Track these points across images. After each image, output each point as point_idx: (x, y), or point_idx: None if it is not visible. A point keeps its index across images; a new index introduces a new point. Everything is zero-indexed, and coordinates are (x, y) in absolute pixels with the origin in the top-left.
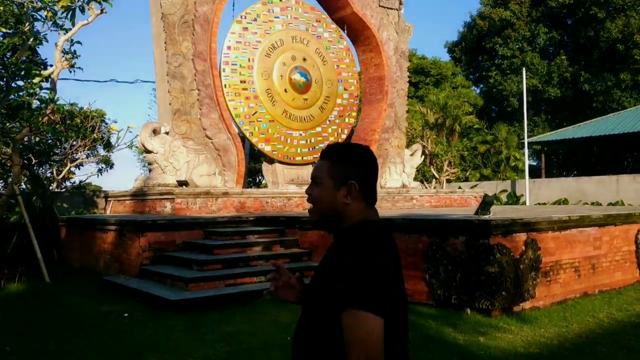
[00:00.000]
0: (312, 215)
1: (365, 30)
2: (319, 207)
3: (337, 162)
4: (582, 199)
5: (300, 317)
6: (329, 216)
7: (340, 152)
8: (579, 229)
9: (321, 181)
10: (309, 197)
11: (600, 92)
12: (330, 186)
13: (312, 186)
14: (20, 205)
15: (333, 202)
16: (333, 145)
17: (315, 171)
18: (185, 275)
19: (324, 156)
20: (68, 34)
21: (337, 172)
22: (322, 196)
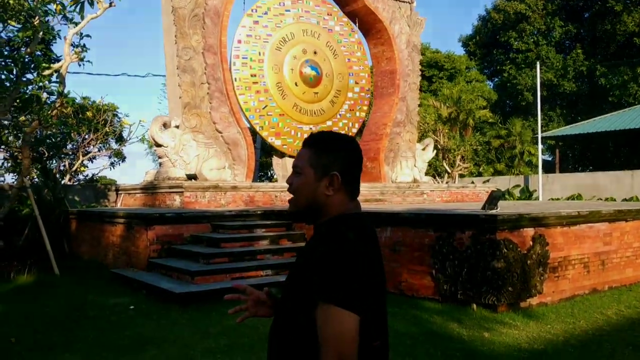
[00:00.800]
0: (291, 206)
1: (377, 24)
2: (298, 198)
3: (320, 152)
4: (597, 195)
5: (275, 312)
6: (309, 208)
7: (324, 141)
8: (588, 224)
9: (302, 171)
10: (289, 187)
11: (617, 86)
12: (312, 176)
13: (293, 176)
14: (31, 198)
15: (314, 193)
16: (317, 134)
17: (297, 160)
18: (191, 269)
19: (307, 144)
20: (77, 27)
21: (319, 161)
22: (303, 187)
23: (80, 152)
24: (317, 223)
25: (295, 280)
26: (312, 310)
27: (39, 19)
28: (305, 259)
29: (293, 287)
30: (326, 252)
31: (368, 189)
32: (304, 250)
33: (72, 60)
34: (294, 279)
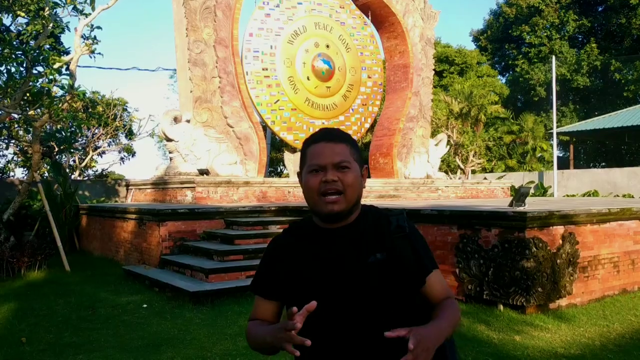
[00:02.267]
0: (340, 204)
1: (390, 17)
2: (351, 195)
3: (354, 146)
4: (613, 191)
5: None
6: (356, 202)
7: (349, 136)
8: (618, 222)
9: (350, 165)
10: (336, 184)
11: (632, 81)
12: (358, 170)
13: (337, 172)
14: (41, 193)
15: (360, 188)
16: (333, 129)
17: (338, 156)
18: (205, 266)
19: (340, 139)
20: (88, 19)
21: (357, 156)
22: (355, 181)
23: (90, 147)
24: (350, 218)
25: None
26: (417, 285)
27: (48, 10)
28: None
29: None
30: (418, 236)
31: (382, 185)
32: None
33: (83, 53)
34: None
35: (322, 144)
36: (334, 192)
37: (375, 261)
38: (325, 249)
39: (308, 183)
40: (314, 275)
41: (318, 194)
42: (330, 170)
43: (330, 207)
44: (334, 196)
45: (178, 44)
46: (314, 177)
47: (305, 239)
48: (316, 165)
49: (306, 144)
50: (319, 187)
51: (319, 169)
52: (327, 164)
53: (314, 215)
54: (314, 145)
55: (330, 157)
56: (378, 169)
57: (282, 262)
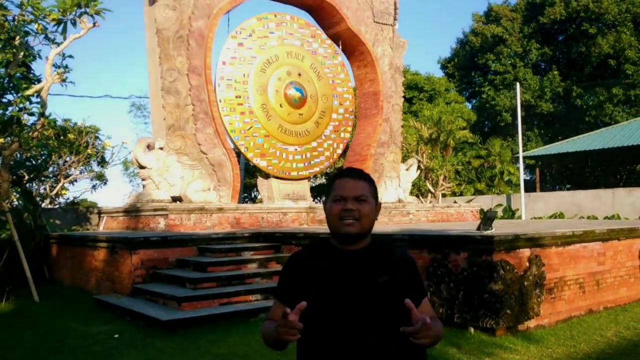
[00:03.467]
0: (355, 227)
1: (360, 46)
2: (365, 223)
3: (373, 185)
4: (578, 213)
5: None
6: (369, 230)
7: (370, 177)
8: (582, 244)
9: (367, 199)
10: (354, 212)
11: (593, 106)
12: (373, 204)
13: (356, 203)
14: (10, 223)
15: (374, 218)
16: (356, 170)
17: (358, 190)
18: (177, 294)
19: (362, 177)
20: (59, 48)
21: (374, 193)
22: (371, 213)
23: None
24: (361, 243)
25: (400, 289)
26: (416, 305)
27: (19, 39)
28: (393, 275)
29: (392, 298)
30: (416, 267)
31: None
32: (371, 269)
33: (54, 81)
34: (396, 290)
35: (347, 180)
36: (350, 218)
37: (381, 282)
38: (338, 266)
39: (332, 209)
40: (326, 287)
41: (338, 218)
42: (351, 201)
43: (347, 229)
44: (350, 220)
45: (151, 72)
46: (337, 205)
47: (321, 257)
48: (340, 196)
49: (333, 178)
50: (340, 213)
51: (342, 199)
52: (348, 196)
53: (333, 238)
54: (340, 179)
55: (352, 190)
56: None
57: (300, 273)
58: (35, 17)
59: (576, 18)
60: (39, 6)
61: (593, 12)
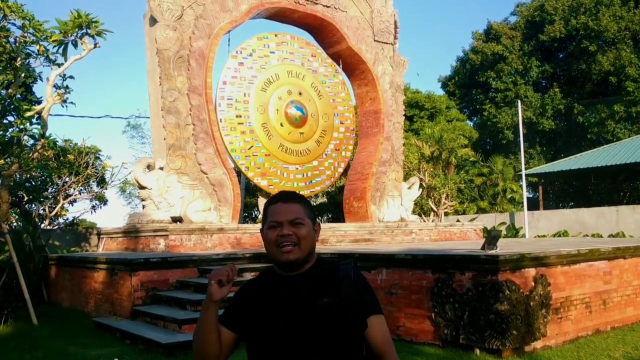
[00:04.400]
0: (295, 254)
1: (361, 65)
2: (304, 246)
3: (308, 206)
4: (582, 231)
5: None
6: (309, 253)
7: (303, 197)
8: (588, 262)
9: (304, 222)
10: (290, 237)
11: (594, 123)
12: (311, 226)
13: (292, 227)
14: (9, 244)
15: (313, 240)
16: (289, 192)
17: (292, 214)
18: (178, 317)
19: (294, 200)
20: (60, 69)
21: (310, 214)
22: (308, 235)
23: (61, 196)
24: (305, 267)
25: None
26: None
27: (20, 60)
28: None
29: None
30: (363, 283)
31: (356, 229)
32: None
33: (55, 102)
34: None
35: (279, 204)
36: (289, 244)
37: (323, 304)
38: (281, 293)
39: (267, 236)
40: (268, 315)
41: (276, 245)
42: (286, 226)
43: (285, 256)
44: (289, 246)
45: (151, 92)
46: (273, 231)
47: (267, 284)
48: (274, 222)
49: (266, 204)
50: (277, 240)
51: (277, 224)
52: (283, 221)
53: (274, 265)
54: (273, 205)
55: (286, 214)
56: (352, 213)
57: (245, 301)
58: (37, 39)
59: (576, 36)
60: (41, 28)
61: (592, 29)
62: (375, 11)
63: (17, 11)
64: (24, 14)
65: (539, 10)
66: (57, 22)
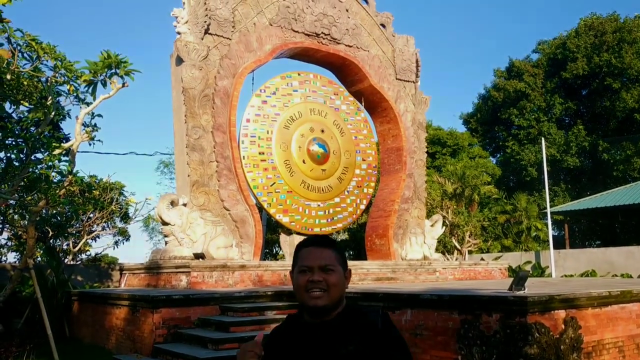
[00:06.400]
0: (323, 300)
1: (383, 102)
2: (334, 294)
3: (339, 252)
4: (611, 271)
5: None
6: (339, 300)
7: (335, 243)
8: (620, 305)
9: (335, 268)
10: (320, 283)
11: (620, 161)
12: (342, 273)
13: (323, 273)
14: (33, 279)
15: (343, 287)
16: (322, 236)
17: (324, 260)
18: (199, 355)
19: (327, 245)
20: (89, 108)
21: (341, 260)
22: (339, 282)
23: (85, 231)
24: (332, 313)
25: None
26: None
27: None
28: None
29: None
30: (392, 333)
31: (379, 267)
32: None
33: (83, 140)
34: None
35: (311, 249)
36: (318, 290)
37: (346, 353)
38: (305, 341)
39: (297, 280)
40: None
41: (305, 290)
42: (317, 272)
43: (314, 302)
44: (318, 292)
45: (176, 130)
46: (303, 276)
47: (293, 331)
48: (305, 266)
49: (298, 247)
50: (306, 285)
51: (307, 269)
52: (314, 266)
53: (303, 309)
54: (304, 249)
55: (317, 260)
56: (374, 251)
57: (273, 351)
58: (67, 79)
59: (599, 73)
60: (72, 68)
61: (616, 67)
62: (397, 50)
63: (50, 52)
64: (56, 55)
65: (561, 47)
66: (86, 62)
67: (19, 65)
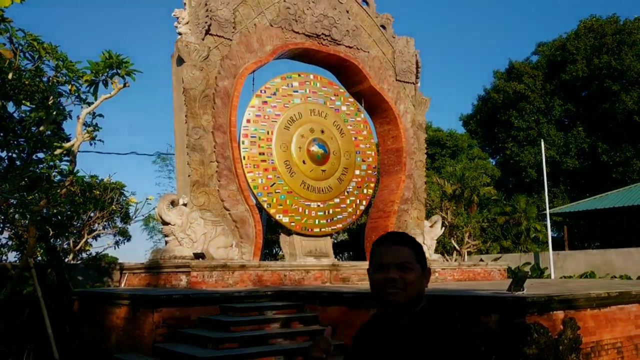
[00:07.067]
0: (399, 297)
1: (383, 104)
2: (411, 291)
3: (418, 250)
4: (610, 272)
5: None
6: (416, 299)
7: (414, 241)
8: (619, 305)
9: (412, 266)
10: (397, 281)
11: (619, 162)
12: (419, 271)
13: (399, 271)
14: (34, 279)
15: (421, 286)
16: (400, 233)
17: (401, 257)
18: (199, 355)
19: (405, 242)
20: (90, 107)
21: (420, 259)
22: (417, 280)
23: (85, 231)
24: (408, 311)
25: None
26: None
27: (53, 99)
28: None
29: None
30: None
31: None
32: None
33: (84, 139)
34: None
35: (388, 246)
36: (394, 287)
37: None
38: (379, 337)
39: (374, 278)
40: (366, 356)
41: (381, 288)
42: (393, 270)
43: (392, 298)
44: (394, 290)
45: (177, 130)
46: (379, 274)
47: (373, 328)
48: (381, 264)
49: (375, 244)
50: (383, 283)
51: (384, 267)
52: (390, 263)
53: (379, 306)
54: (381, 246)
55: (394, 257)
56: None
57: (356, 346)
58: (69, 79)
59: (598, 75)
60: (74, 68)
61: (615, 69)
62: (397, 51)
63: (52, 52)
64: (58, 55)
65: (561, 49)
66: (88, 62)
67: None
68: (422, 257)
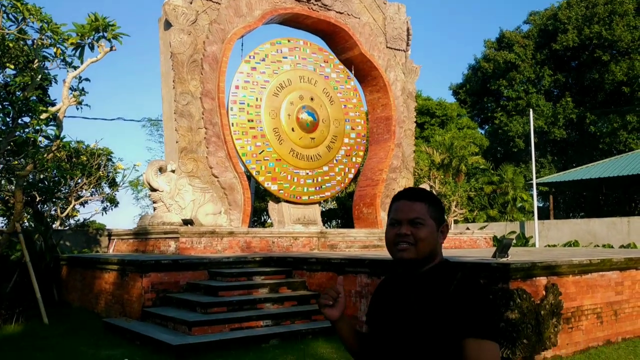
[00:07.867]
0: (409, 253)
1: (373, 71)
2: (422, 247)
3: (434, 205)
4: (593, 241)
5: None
6: (429, 255)
7: (431, 196)
8: (600, 272)
9: (425, 222)
10: (408, 237)
11: (607, 133)
12: (434, 227)
13: (411, 227)
14: (22, 244)
15: (435, 242)
16: (416, 189)
17: (413, 213)
18: (188, 319)
19: (419, 198)
20: (76, 71)
21: (435, 214)
22: (429, 236)
23: (73, 197)
24: (422, 269)
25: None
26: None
27: (37, 63)
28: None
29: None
30: (469, 299)
31: (366, 235)
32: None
33: (70, 104)
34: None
35: (403, 202)
36: (405, 243)
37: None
38: (396, 293)
39: (387, 234)
40: (383, 313)
41: (392, 243)
42: (405, 225)
43: (400, 254)
44: (404, 245)
45: (164, 96)
46: (392, 229)
47: (392, 283)
48: (394, 220)
49: (392, 200)
50: (394, 238)
51: (396, 222)
52: (402, 219)
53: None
54: (397, 202)
55: (407, 213)
56: (362, 219)
57: (375, 299)
58: (54, 42)
59: (589, 45)
60: (59, 30)
61: (606, 39)
62: (388, 18)
63: (36, 14)
64: (42, 17)
65: (552, 19)
66: (73, 25)
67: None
68: (438, 212)
